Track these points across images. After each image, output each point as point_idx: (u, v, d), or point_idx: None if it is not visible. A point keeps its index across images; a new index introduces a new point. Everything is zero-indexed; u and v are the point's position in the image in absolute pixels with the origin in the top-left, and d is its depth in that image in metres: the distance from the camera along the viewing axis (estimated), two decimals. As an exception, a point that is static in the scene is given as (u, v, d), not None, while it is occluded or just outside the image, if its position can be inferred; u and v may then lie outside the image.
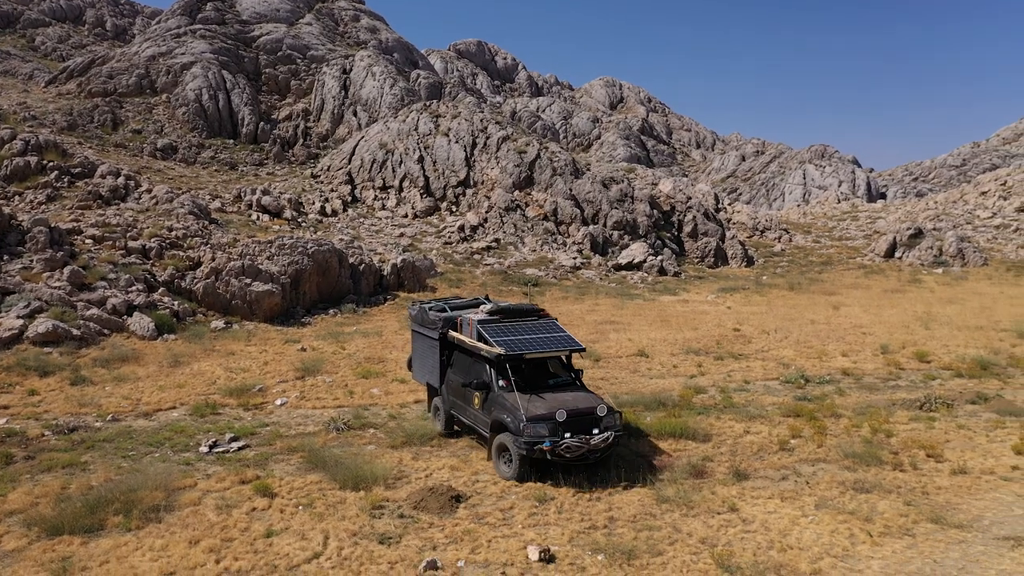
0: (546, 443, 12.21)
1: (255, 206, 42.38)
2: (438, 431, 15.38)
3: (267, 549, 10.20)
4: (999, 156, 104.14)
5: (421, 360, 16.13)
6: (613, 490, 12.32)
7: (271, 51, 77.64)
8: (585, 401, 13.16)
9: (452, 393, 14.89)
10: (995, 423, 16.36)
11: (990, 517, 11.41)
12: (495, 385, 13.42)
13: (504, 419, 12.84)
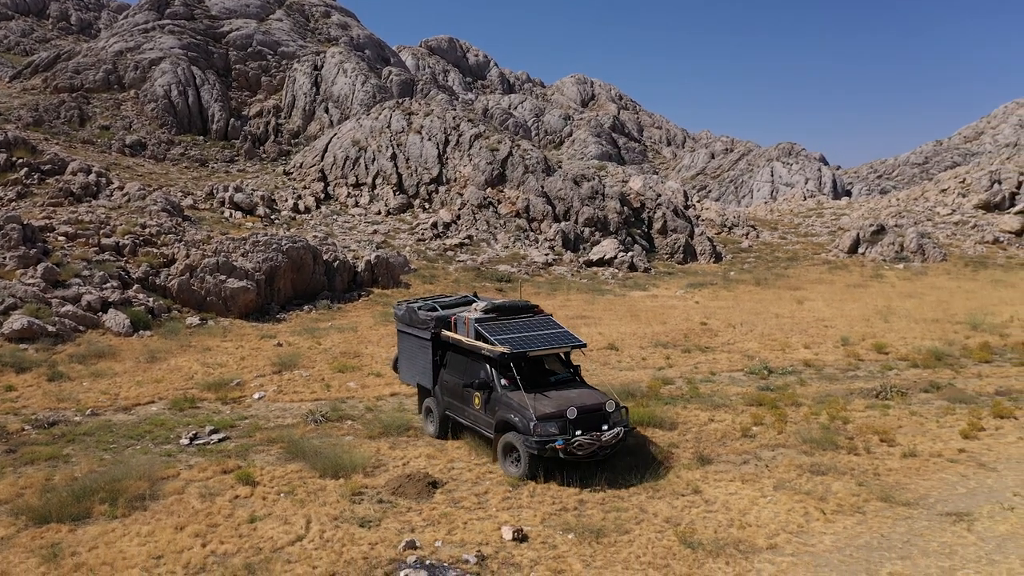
0: (558, 441, 12.04)
1: (228, 203, 42.39)
2: (430, 434, 15.03)
3: (251, 533, 10.61)
4: (960, 154, 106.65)
5: (410, 361, 15.74)
6: (584, 476, 12.87)
7: (241, 47, 77.21)
8: (592, 397, 13.07)
9: (447, 394, 14.59)
10: (946, 410, 17.20)
11: (935, 496, 12.16)
12: (497, 384, 13.21)
13: (511, 419, 12.62)
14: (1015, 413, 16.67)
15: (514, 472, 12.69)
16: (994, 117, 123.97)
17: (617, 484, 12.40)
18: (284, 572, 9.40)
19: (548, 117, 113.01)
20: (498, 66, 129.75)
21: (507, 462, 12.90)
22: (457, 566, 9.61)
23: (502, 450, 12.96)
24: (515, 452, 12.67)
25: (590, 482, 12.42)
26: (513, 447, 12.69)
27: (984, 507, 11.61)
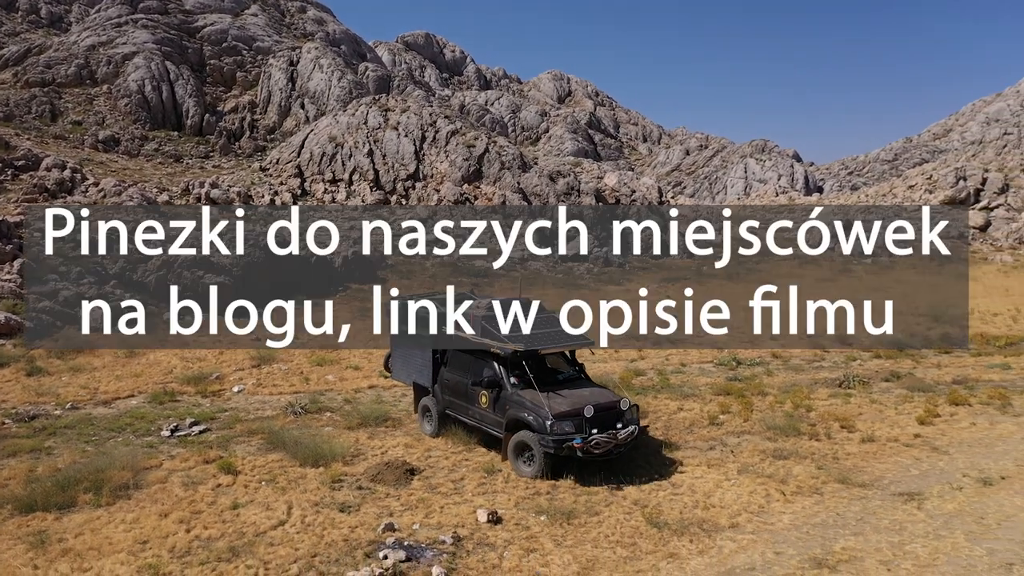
0: (576, 440, 11.96)
1: (204, 199, 42.38)
2: (427, 433, 14.81)
3: (234, 519, 10.96)
4: (928, 151, 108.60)
5: (406, 359, 15.40)
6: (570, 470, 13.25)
7: (216, 42, 76.80)
8: (605, 396, 13.07)
9: (448, 392, 14.34)
10: (904, 398, 17.91)
11: (890, 477, 12.79)
12: (507, 383, 13.07)
13: (524, 417, 12.48)
14: (969, 400, 17.41)
15: (527, 471, 12.51)
16: (962, 115, 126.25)
17: (588, 470, 12.87)
18: (268, 554, 9.76)
19: (525, 113, 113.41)
20: (475, 62, 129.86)
21: (519, 461, 12.69)
22: (434, 546, 10.04)
23: (514, 449, 12.74)
24: (528, 451, 12.52)
25: (561, 471, 12.86)
26: (526, 446, 12.52)
27: (935, 487, 12.24)
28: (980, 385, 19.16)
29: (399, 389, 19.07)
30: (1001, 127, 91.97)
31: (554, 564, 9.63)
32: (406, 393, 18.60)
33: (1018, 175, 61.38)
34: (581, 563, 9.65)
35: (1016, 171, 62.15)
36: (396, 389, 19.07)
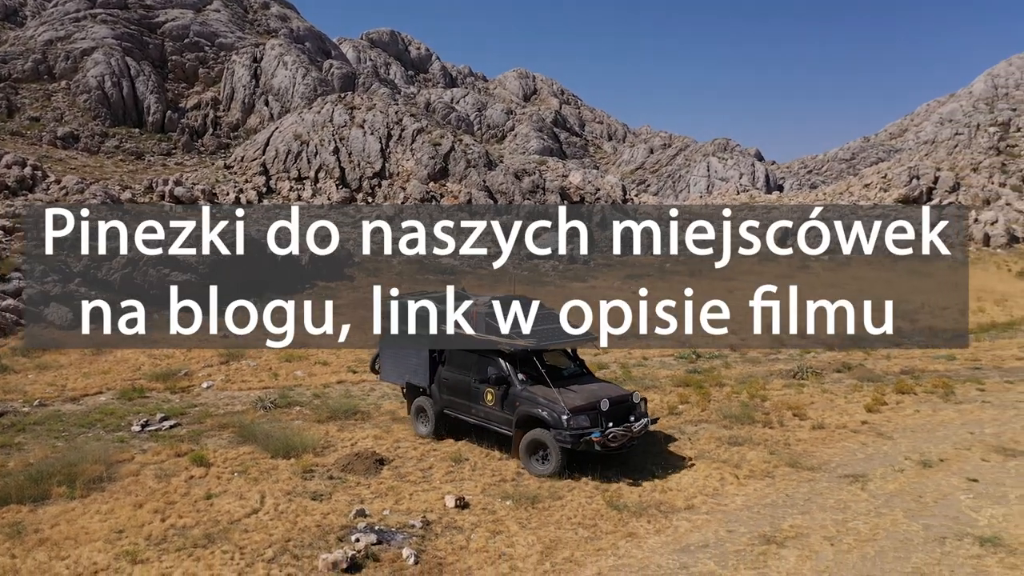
0: (595, 434, 11.97)
1: (168, 196, 42.11)
2: (422, 434, 14.58)
3: (208, 508, 11.25)
4: (885, 150, 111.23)
5: (397, 359, 15.01)
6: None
7: (177, 38, 76.00)
8: (614, 390, 13.25)
9: (447, 391, 14.14)
10: (854, 387, 18.74)
11: (837, 461, 13.50)
12: (515, 380, 13.01)
13: (538, 413, 12.42)
14: (915, 389, 18.29)
15: (542, 470, 12.43)
16: (917, 115, 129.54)
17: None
18: (242, 540, 10.09)
19: (490, 111, 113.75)
20: (440, 60, 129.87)
21: (533, 460, 12.61)
22: (404, 530, 10.45)
23: (527, 447, 12.62)
24: (542, 449, 12.44)
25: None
26: (541, 444, 12.43)
27: (878, 470, 12.97)
28: (926, 375, 20.08)
29: (367, 384, 19.44)
30: (953, 127, 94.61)
31: (519, 545, 10.11)
32: (374, 388, 19.02)
33: (968, 174, 63.38)
34: (545, 543, 10.14)
35: (967, 170, 64.16)
36: (364, 384, 19.43)
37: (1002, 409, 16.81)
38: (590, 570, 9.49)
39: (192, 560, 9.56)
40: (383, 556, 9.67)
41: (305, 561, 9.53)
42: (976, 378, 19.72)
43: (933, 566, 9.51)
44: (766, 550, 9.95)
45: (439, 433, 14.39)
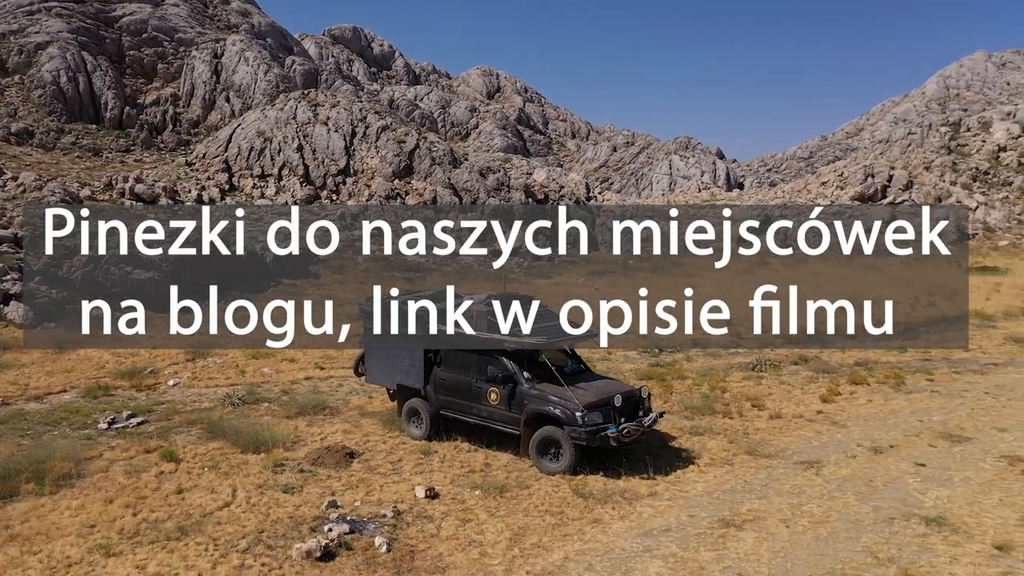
0: (611, 430, 12.07)
1: (128, 194, 41.54)
2: (414, 436, 14.28)
3: (180, 502, 11.36)
4: (842, 149, 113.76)
5: (386, 360, 14.66)
6: (488, 446, 14.07)
7: (135, 32, 74.69)
8: (621, 386, 13.44)
9: (444, 392, 13.94)
10: (810, 379, 19.38)
11: (793, 448, 14.03)
12: (522, 378, 12.97)
13: (550, 411, 12.43)
14: (868, 379, 18.98)
15: (554, 468, 12.41)
16: (872, 115, 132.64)
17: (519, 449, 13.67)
18: (216, 532, 10.24)
19: (454, 109, 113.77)
20: (403, 56, 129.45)
21: (545, 458, 12.59)
22: (376, 520, 10.69)
23: (538, 445, 12.59)
24: (555, 447, 12.45)
25: (497, 446, 13.68)
26: (553, 441, 12.43)
27: (832, 456, 13.52)
28: (879, 367, 20.81)
29: (335, 380, 19.57)
30: (907, 127, 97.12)
31: (488, 532, 10.42)
32: (342, 384, 19.17)
33: (921, 172, 65.18)
34: (513, 530, 10.46)
35: (919, 169, 65.97)
36: (332, 380, 19.55)
37: (949, 398, 17.54)
38: (557, 554, 9.82)
39: (166, 552, 9.69)
40: (356, 545, 9.90)
41: (279, 551, 9.72)
42: (926, 369, 20.49)
43: (882, 545, 10.02)
44: (725, 533, 10.38)
45: (434, 435, 14.14)
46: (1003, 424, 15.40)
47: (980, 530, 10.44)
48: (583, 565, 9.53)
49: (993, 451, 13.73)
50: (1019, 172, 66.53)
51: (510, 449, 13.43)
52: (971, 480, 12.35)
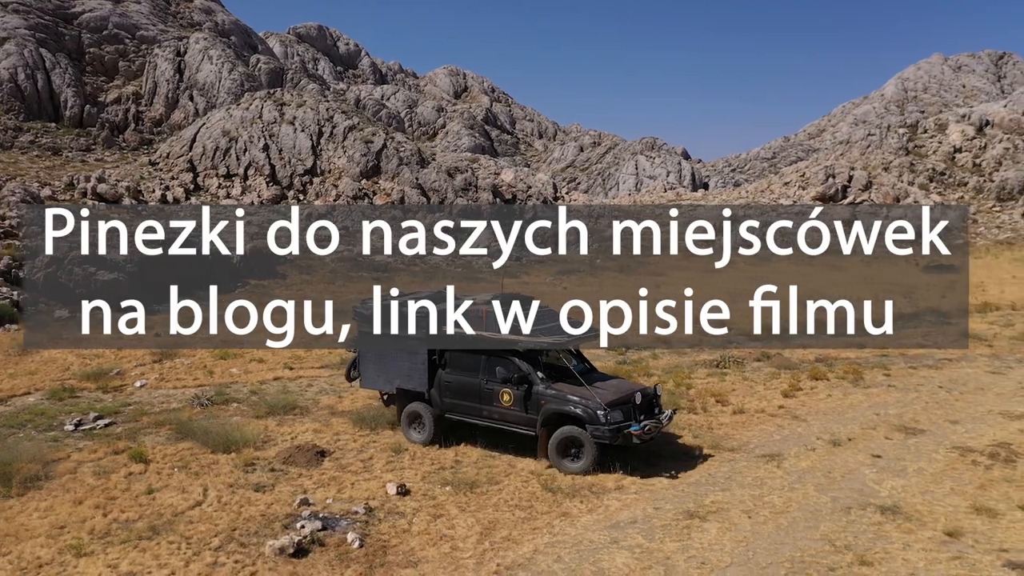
0: (634, 427, 12.20)
1: (90, 194, 40.95)
2: (417, 441, 13.99)
3: (151, 502, 11.38)
4: (803, 150, 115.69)
5: (385, 363, 14.33)
6: (457, 444, 14.18)
7: (95, 29, 73.45)
8: (634, 384, 13.66)
9: (450, 395, 13.71)
10: (772, 375, 19.86)
11: (756, 442, 14.43)
12: (537, 379, 12.89)
13: (571, 411, 12.41)
14: (827, 375, 19.51)
15: (574, 467, 12.45)
16: (833, 116, 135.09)
17: (490, 446, 13.88)
18: (188, 530, 10.30)
19: (421, 108, 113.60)
20: (369, 55, 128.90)
21: (565, 458, 12.58)
22: (348, 516, 10.82)
23: (558, 446, 12.55)
24: (575, 446, 12.46)
25: (467, 442, 13.87)
26: (574, 440, 12.43)
27: (792, 449, 13.93)
28: (838, 362, 21.37)
29: (305, 380, 19.60)
30: (866, 128, 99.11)
31: (459, 526, 10.61)
32: (312, 383, 19.22)
33: (880, 173, 66.67)
34: (483, 524, 10.66)
35: (878, 169, 67.47)
36: (302, 380, 19.58)
37: (905, 392, 18.12)
38: (527, 547, 10.05)
39: (138, 551, 9.73)
40: (328, 541, 10.03)
41: (252, 548, 9.82)
42: (883, 364, 21.11)
43: (839, 533, 10.40)
44: (690, 524, 10.69)
45: (436, 439, 13.88)
46: (955, 417, 15.98)
47: (932, 518, 10.88)
48: (552, 557, 9.76)
49: (945, 442, 14.25)
50: (973, 173, 68.38)
51: (509, 449, 13.61)
52: (924, 470, 12.83)
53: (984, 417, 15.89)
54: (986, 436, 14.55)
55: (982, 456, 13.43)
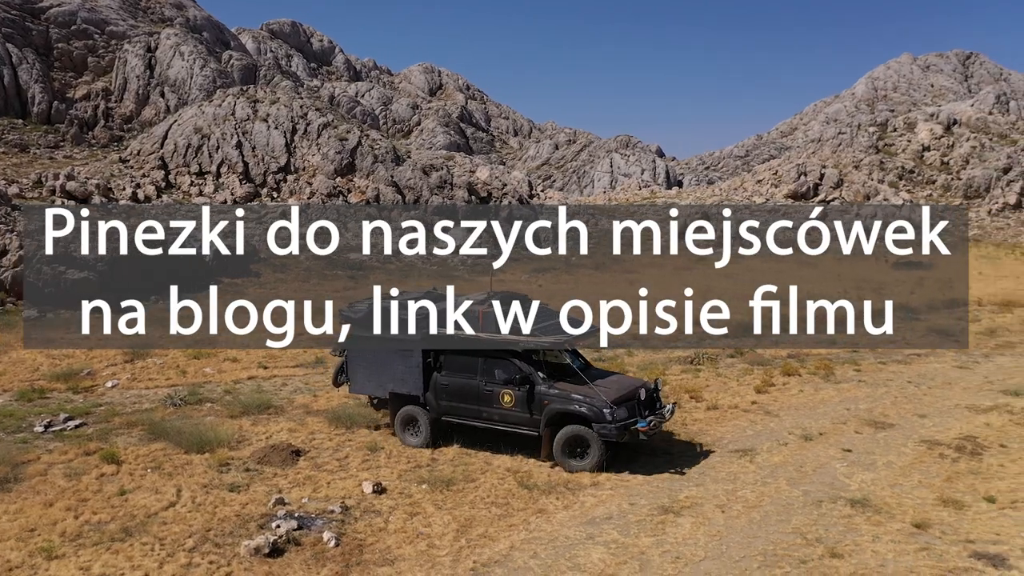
0: (641, 423, 12.27)
1: (59, 191, 40.29)
2: (413, 445, 13.78)
3: (123, 504, 11.27)
4: (776, 148, 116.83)
5: (375, 367, 13.98)
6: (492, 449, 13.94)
7: (64, 24, 72.19)
8: (635, 380, 13.69)
9: (448, 397, 13.51)
10: (745, 371, 20.08)
11: (729, 437, 14.60)
12: (539, 379, 12.81)
13: (576, 409, 12.36)
14: (799, 371, 19.77)
15: (581, 465, 12.45)
16: (805, 115, 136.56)
17: (465, 444, 13.90)
18: (161, 532, 10.22)
19: (396, 106, 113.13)
20: (344, 52, 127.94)
21: (571, 457, 12.56)
22: (324, 516, 10.80)
23: (565, 444, 12.51)
24: (581, 445, 12.44)
25: (439, 443, 13.88)
26: (580, 439, 12.41)
27: (765, 444, 14.13)
28: (810, 358, 21.66)
29: (279, 379, 19.49)
30: (837, 127, 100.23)
31: (436, 524, 10.64)
32: (286, 383, 19.11)
33: (851, 171, 67.52)
34: (460, 522, 10.70)
35: (849, 167, 68.33)
36: (276, 379, 19.47)
37: (875, 387, 18.42)
38: (503, 544, 10.10)
39: (111, 553, 9.65)
40: (304, 540, 10.01)
41: (227, 548, 9.77)
42: (854, 360, 21.43)
43: (810, 526, 10.57)
44: (664, 519, 10.81)
45: (435, 443, 13.73)
46: (923, 411, 16.28)
47: (901, 510, 11.09)
48: (528, 553, 9.82)
49: (914, 436, 14.53)
50: (941, 171, 69.49)
51: (486, 447, 13.64)
52: (893, 464, 13.07)
53: (951, 411, 16.21)
54: (953, 429, 14.85)
55: (949, 449, 13.70)
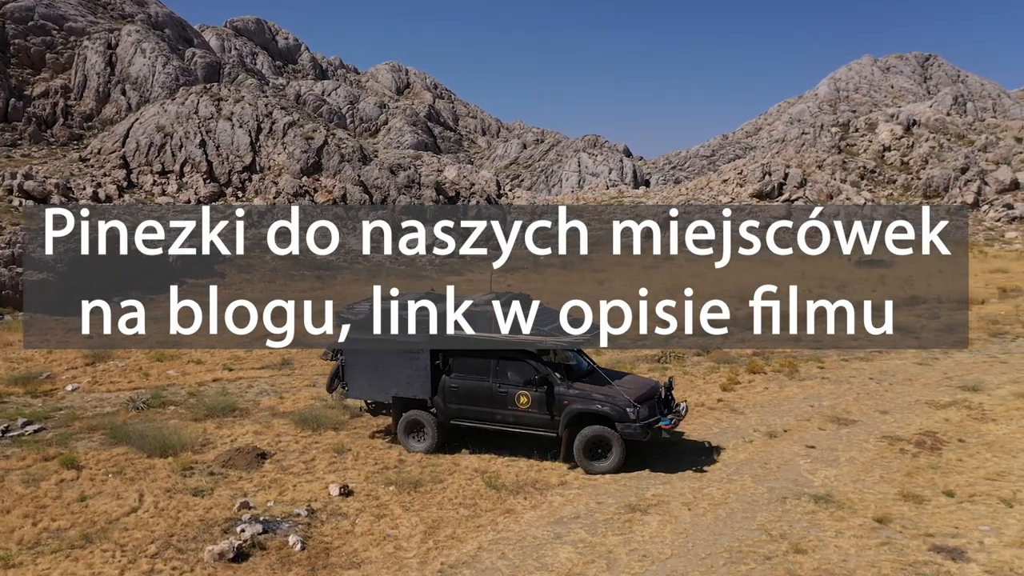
0: (664, 422, 12.33)
1: (16, 191, 39.38)
2: (419, 450, 13.47)
3: (83, 510, 11.05)
4: (742, 148, 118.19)
5: (377, 371, 13.55)
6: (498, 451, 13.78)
7: (20, 20, 70.54)
8: (647, 379, 13.81)
9: (459, 400, 13.22)
10: (712, 369, 20.27)
11: (696, 435, 14.73)
12: (556, 379, 12.69)
13: (598, 409, 12.29)
14: (764, 368, 20.01)
15: (603, 467, 12.42)
16: (770, 115, 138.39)
17: (476, 450, 13.73)
18: (123, 538, 10.03)
19: (363, 105, 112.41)
20: (310, 50, 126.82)
21: (592, 459, 12.50)
22: (290, 519, 10.69)
23: (586, 445, 12.42)
24: (602, 445, 12.40)
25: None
26: (601, 440, 12.36)
27: (731, 441, 14.28)
28: (775, 356, 21.94)
29: (245, 381, 19.26)
30: (801, 127, 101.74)
31: (403, 526, 10.58)
32: (252, 384, 18.88)
33: (814, 171, 68.55)
34: (427, 523, 10.66)
35: (812, 167, 69.36)
36: (242, 381, 19.24)
37: (838, 384, 18.71)
38: (471, 545, 10.08)
39: (70, 561, 9.46)
40: (270, 544, 9.90)
41: (190, 554, 9.63)
42: (817, 357, 21.74)
43: (775, 522, 10.71)
44: (631, 517, 10.87)
45: (440, 448, 13.44)
46: (885, 407, 16.57)
47: (863, 505, 11.27)
48: (496, 554, 9.81)
49: (876, 432, 14.78)
50: (902, 171, 70.83)
51: (453, 448, 13.56)
52: (855, 459, 13.28)
53: (912, 407, 16.52)
54: (913, 425, 15.14)
55: (910, 445, 13.96)
